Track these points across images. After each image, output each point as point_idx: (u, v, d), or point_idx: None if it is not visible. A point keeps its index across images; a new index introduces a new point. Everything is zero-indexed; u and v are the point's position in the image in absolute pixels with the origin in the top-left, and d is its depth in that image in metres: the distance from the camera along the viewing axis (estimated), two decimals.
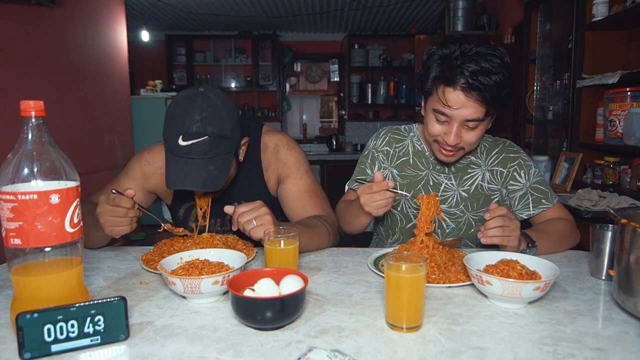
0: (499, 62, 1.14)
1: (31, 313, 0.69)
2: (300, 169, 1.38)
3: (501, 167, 1.38)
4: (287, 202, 1.37)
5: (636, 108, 2.15)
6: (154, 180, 1.38)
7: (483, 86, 1.12)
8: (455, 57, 1.17)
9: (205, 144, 1.12)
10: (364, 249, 1.31)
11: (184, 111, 1.14)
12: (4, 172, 0.73)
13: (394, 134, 1.46)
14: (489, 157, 1.40)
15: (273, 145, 1.40)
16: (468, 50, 1.16)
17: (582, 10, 2.56)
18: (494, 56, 1.15)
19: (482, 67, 1.13)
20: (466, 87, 1.14)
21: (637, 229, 0.80)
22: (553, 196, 1.36)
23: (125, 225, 1.12)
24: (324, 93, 7.14)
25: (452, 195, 1.38)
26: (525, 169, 1.37)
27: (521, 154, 1.40)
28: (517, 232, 1.10)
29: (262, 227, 1.06)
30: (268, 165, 1.39)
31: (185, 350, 0.72)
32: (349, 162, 5.69)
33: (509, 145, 1.41)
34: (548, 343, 0.74)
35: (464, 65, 1.14)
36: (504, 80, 1.15)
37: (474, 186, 1.38)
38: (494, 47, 1.17)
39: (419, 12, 5.51)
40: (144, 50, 6.17)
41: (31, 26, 2.65)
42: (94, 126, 3.39)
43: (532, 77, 3.36)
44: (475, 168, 1.39)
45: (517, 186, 1.36)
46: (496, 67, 1.14)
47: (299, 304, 0.80)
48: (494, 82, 1.13)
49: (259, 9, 5.36)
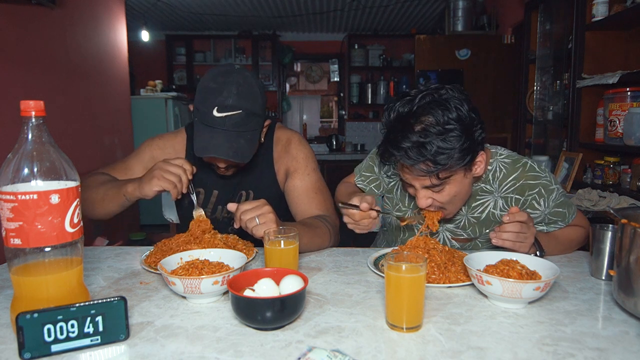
0: (432, 124, 1.02)
1: (31, 313, 0.69)
2: (309, 165, 1.41)
3: (517, 195, 1.23)
4: (293, 197, 1.39)
5: (636, 108, 2.15)
6: None
7: (416, 159, 1.03)
8: (393, 129, 1.07)
9: (239, 118, 1.17)
10: (364, 249, 1.31)
11: (220, 84, 1.18)
12: (4, 172, 0.73)
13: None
14: (504, 183, 1.24)
15: (285, 139, 1.44)
16: (408, 118, 1.05)
17: (582, 10, 2.56)
18: (433, 118, 1.02)
19: (411, 139, 1.02)
20: (403, 160, 1.05)
21: (637, 229, 0.80)
22: (571, 215, 1.25)
23: (173, 183, 1.15)
24: (324, 93, 7.14)
25: (459, 219, 1.30)
26: (546, 196, 1.21)
27: (542, 179, 1.21)
28: (531, 239, 1.08)
29: (264, 225, 1.06)
30: (279, 157, 1.43)
31: (185, 350, 0.72)
32: (349, 162, 5.69)
33: (529, 170, 1.22)
34: (548, 343, 0.74)
35: (396, 139, 1.05)
36: (439, 148, 1.01)
37: (485, 213, 1.27)
38: (434, 107, 1.03)
39: (419, 12, 5.51)
40: (144, 50, 6.17)
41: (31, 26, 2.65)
42: (94, 126, 3.39)
43: (532, 77, 3.36)
44: (486, 195, 1.26)
45: (536, 214, 1.23)
46: (426, 132, 1.02)
47: (299, 304, 0.80)
48: (425, 154, 1.01)
49: (259, 9, 5.36)
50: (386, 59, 6.35)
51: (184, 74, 6.35)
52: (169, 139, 1.44)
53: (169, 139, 1.44)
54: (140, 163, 1.41)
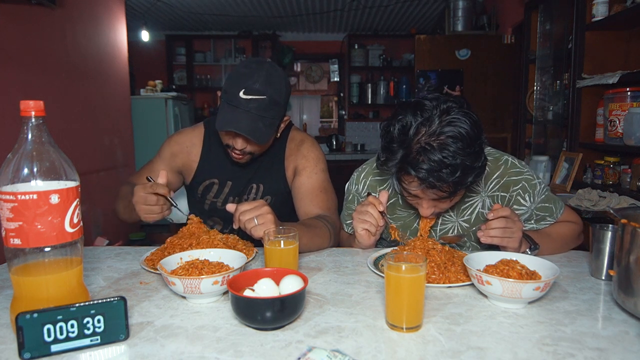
0: (457, 147, 0.98)
1: (31, 313, 0.69)
2: (318, 165, 1.45)
3: (503, 192, 1.25)
4: (299, 193, 1.43)
5: (636, 108, 2.15)
6: (180, 158, 1.49)
7: (439, 181, 0.99)
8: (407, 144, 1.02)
9: (263, 102, 1.24)
10: (364, 249, 1.31)
11: (251, 70, 1.25)
12: (4, 172, 0.73)
13: (375, 176, 1.33)
14: (489, 182, 1.25)
15: (299, 139, 1.50)
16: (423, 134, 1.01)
17: (582, 10, 2.56)
18: (453, 139, 0.98)
19: (436, 161, 0.97)
20: (422, 183, 1.02)
21: (637, 229, 0.80)
22: (558, 209, 1.27)
23: (157, 213, 1.22)
24: (324, 93, 7.14)
25: (452, 227, 1.29)
26: (530, 191, 1.23)
27: (524, 174, 1.24)
28: (519, 234, 1.09)
29: (263, 226, 1.07)
30: (290, 154, 1.48)
31: (185, 350, 0.72)
32: (349, 162, 5.69)
33: (510, 167, 1.24)
34: (548, 343, 0.74)
35: (415, 159, 1.00)
36: (464, 169, 0.99)
37: (475, 215, 1.27)
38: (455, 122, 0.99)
39: (419, 12, 5.52)
40: (144, 50, 6.17)
41: (31, 26, 2.65)
42: (94, 126, 3.39)
43: (532, 77, 3.36)
44: (474, 196, 1.26)
45: (522, 210, 1.25)
46: (454, 155, 0.97)
47: (299, 304, 0.80)
48: (451, 175, 0.98)
49: (259, 9, 5.36)
50: (386, 59, 6.35)
51: (184, 74, 6.35)
52: (186, 134, 1.51)
53: (187, 134, 1.51)
54: (162, 162, 1.48)
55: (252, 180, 1.47)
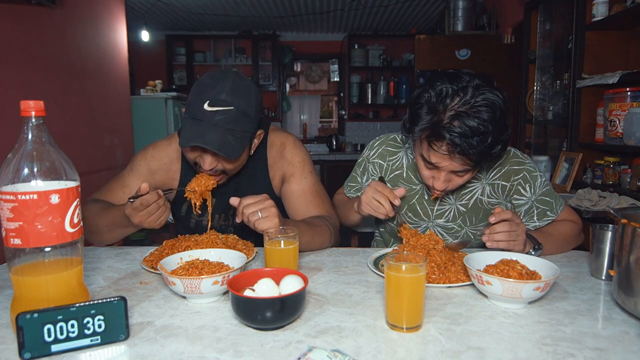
0: (490, 116, 1.03)
1: (31, 313, 0.69)
2: (305, 169, 1.38)
3: (503, 181, 1.28)
4: (291, 201, 1.37)
5: (636, 108, 2.15)
6: (159, 176, 1.38)
7: (470, 148, 1.03)
8: (442, 109, 1.07)
9: (230, 114, 1.13)
10: (364, 249, 1.31)
11: (215, 80, 1.15)
12: (4, 172, 0.73)
13: (389, 146, 1.39)
14: (491, 170, 1.29)
15: (279, 143, 1.39)
16: (457, 102, 1.05)
17: (582, 10, 2.56)
18: (487, 108, 1.03)
19: (470, 126, 1.02)
20: (451, 149, 1.06)
21: (637, 229, 0.80)
22: (558, 205, 1.29)
23: (162, 216, 1.14)
24: (324, 93, 7.14)
25: (449, 209, 1.33)
26: (531, 182, 1.27)
27: (526, 165, 1.28)
28: (523, 236, 1.09)
29: (267, 219, 1.06)
30: (274, 163, 1.38)
31: (185, 350, 0.72)
32: (349, 162, 5.69)
33: (512, 157, 1.29)
34: (548, 343, 0.74)
35: (449, 124, 1.04)
36: (493, 139, 1.04)
37: (473, 200, 1.31)
38: (487, 93, 1.04)
39: (419, 12, 5.51)
40: (144, 50, 6.17)
41: (31, 26, 2.65)
42: (94, 126, 3.39)
43: (532, 77, 3.36)
44: (475, 182, 1.30)
45: (523, 200, 1.28)
46: (486, 123, 1.03)
47: (299, 304, 0.80)
48: (481, 143, 1.03)
49: (259, 9, 5.36)
50: (386, 59, 6.34)
51: (184, 74, 6.35)
52: (163, 148, 1.38)
53: (163, 148, 1.38)
54: (138, 178, 1.36)
55: (236, 194, 1.33)
